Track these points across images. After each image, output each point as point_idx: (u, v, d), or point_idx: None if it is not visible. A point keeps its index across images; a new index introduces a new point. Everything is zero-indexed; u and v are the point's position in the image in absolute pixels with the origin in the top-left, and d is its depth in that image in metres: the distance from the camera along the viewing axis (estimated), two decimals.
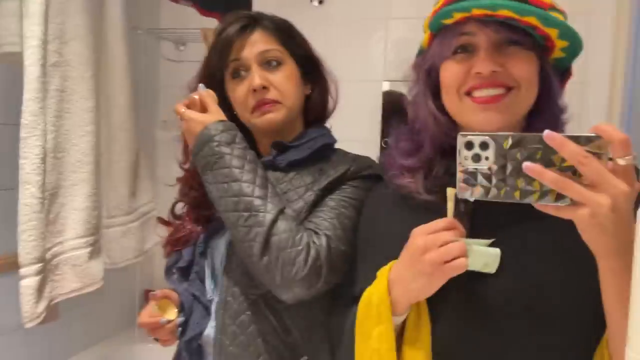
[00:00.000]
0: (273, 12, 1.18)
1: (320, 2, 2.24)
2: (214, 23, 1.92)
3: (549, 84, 0.82)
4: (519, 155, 0.63)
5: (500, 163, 0.64)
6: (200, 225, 1.14)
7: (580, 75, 1.78)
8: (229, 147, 0.98)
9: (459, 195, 0.68)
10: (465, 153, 0.66)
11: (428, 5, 2.16)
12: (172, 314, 1.10)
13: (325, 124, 1.20)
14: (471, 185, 0.66)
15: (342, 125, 2.11)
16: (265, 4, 1.76)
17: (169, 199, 1.21)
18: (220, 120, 1.01)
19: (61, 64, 1.49)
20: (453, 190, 0.74)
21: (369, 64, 2.23)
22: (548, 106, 0.83)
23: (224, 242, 1.09)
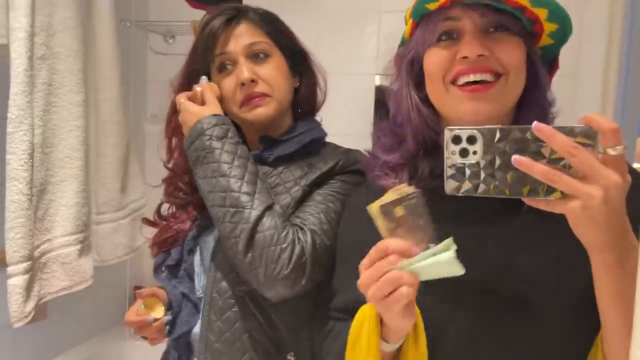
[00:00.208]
0: (265, 5, 1.17)
1: None
2: None
3: (536, 73, 0.80)
4: (507, 148, 0.61)
5: (488, 157, 0.62)
6: (188, 225, 1.13)
7: (572, 69, 1.77)
8: (220, 142, 0.97)
9: (447, 191, 0.65)
10: (453, 147, 0.64)
11: None
12: (159, 312, 1.10)
13: (315, 117, 1.19)
14: (459, 181, 0.64)
15: (335, 119, 2.09)
16: None
17: (159, 195, 1.19)
18: (214, 114, 1.00)
19: (49, 56, 1.45)
20: (376, 206, 0.69)
21: (361, 58, 2.22)
22: (536, 97, 0.81)
23: (213, 239, 1.08)
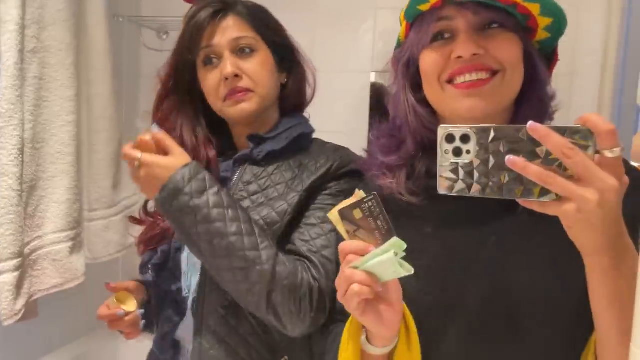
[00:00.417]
0: (262, 4, 1.15)
1: None
2: None
3: (535, 67, 0.80)
4: (501, 148, 0.60)
5: (482, 157, 0.61)
6: None
7: (569, 66, 1.76)
8: (203, 198, 0.90)
9: (439, 191, 0.65)
10: (446, 146, 0.63)
11: None
12: (132, 306, 1.09)
13: (303, 113, 1.17)
14: (452, 181, 0.63)
15: (330, 117, 2.09)
16: None
17: None
18: (185, 164, 0.91)
19: (40, 50, 1.43)
20: (335, 211, 0.71)
21: (356, 55, 2.20)
22: (535, 92, 0.81)
23: None
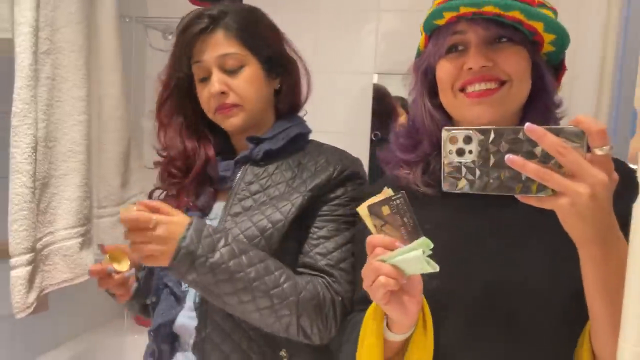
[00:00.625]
0: (263, 5, 1.14)
1: None
2: None
3: (542, 77, 0.85)
4: (501, 148, 0.65)
5: (483, 156, 0.66)
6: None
7: (569, 69, 1.80)
8: (217, 255, 0.92)
9: (444, 188, 0.69)
10: (450, 147, 0.68)
11: None
12: (124, 266, 1.08)
13: (298, 113, 1.20)
14: (456, 179, 0.68)
15: (332, 117, 2.12)
16: None
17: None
18: (188, 224, 0.92)
19: (53, 51, 1.47)
20: (364, 206, 0.76)
21: (359, 56, 2.23)
22: (542, 99, 0.86)
23: None
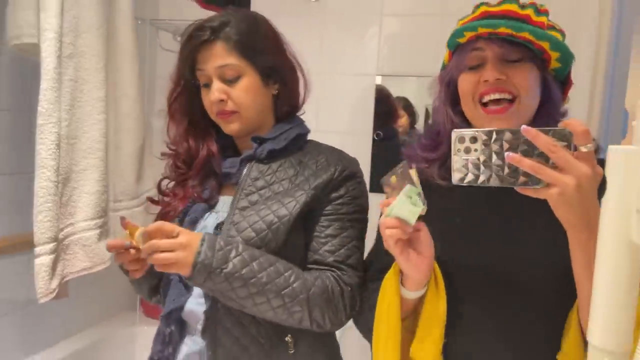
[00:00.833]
0: (271, 9, 1.17)
1: None
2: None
3: (550, 91, 0.96)
4: (502, 146, 0.75)
5: (487, 154, 0.76)
6: (182, 205, 1.17)
7: None
8: (230, 266, 0.99)
9: (453, 182, 0.79)
10: (458, 146, 0.78)
11: (419, 3, 2.27)
12: (141, 242, 1.05)
13: (297, 113, 1.24)
14: (463, 173, 0.78)
15: (336, 118, 2.18)
16: (264, 2, 1.81)
17: None
18: (201, 240, 0.98)
19: (75, 55, 1.53)
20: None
21: (363, 59, 2.28)
22: (549, 111, 0.97)
23: (213, 223, 1.13)
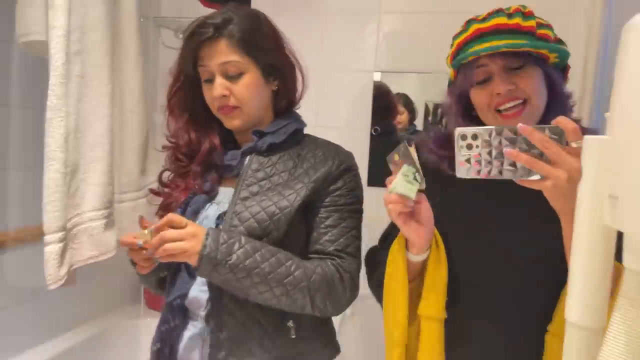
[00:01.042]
0: (271, 6, 1.21)
1: None
2: None
3: (554, 82, 1.04)
4: (501, 143, 0.82)
5: (487, 149, 0.83)
6: (183, 197, 1.19)
7: None
8: (234, 257, 1.03)
9: (457, 175, 0.88)
10: (461, 143, 0.86)
11: (416, 0, 2.33)
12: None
13: (294, 108, 1.28)
14: (466, 168, 0.86)
15: (335, 113, 2.24)
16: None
17: None
18: (206, 234, 1.03)
19: (82, 52, 1.57)
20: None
21: (361, 55, 2.32)
22: (556, 98, 1.05)
23: (214, 213, 1.16)
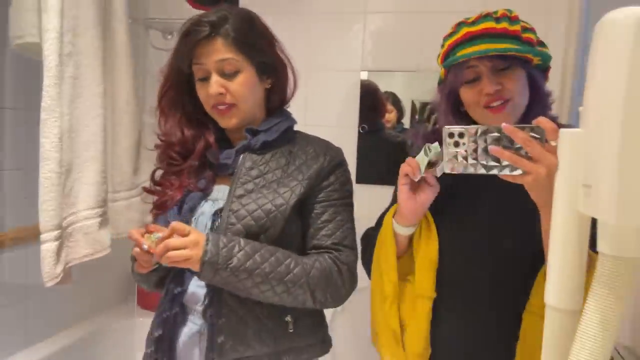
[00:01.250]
0: (259, 7, 1.20)
1: None
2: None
3: (536, 82, 1.11)
4: (486, 141, 0.88)
5: (473, 147, 0.89)
6: (179, 194, 1.19)
7: None
8: (235, 261, 1.04)
9: (445, 171, 0.93)
10: (448, 140, 0.91)
11: (401, 0, 2.37)
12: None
13: (285, 107, 1.29)
14: (453, 164, 0.92)
15: (323, 112, 2.27)
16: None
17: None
18: (206, 240, 1.05)
19: (74, 53, 1.60)
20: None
21: (348, 55, 2.34)
22: (538, 96, 1.12)
23: (210, 210, 1.17)
